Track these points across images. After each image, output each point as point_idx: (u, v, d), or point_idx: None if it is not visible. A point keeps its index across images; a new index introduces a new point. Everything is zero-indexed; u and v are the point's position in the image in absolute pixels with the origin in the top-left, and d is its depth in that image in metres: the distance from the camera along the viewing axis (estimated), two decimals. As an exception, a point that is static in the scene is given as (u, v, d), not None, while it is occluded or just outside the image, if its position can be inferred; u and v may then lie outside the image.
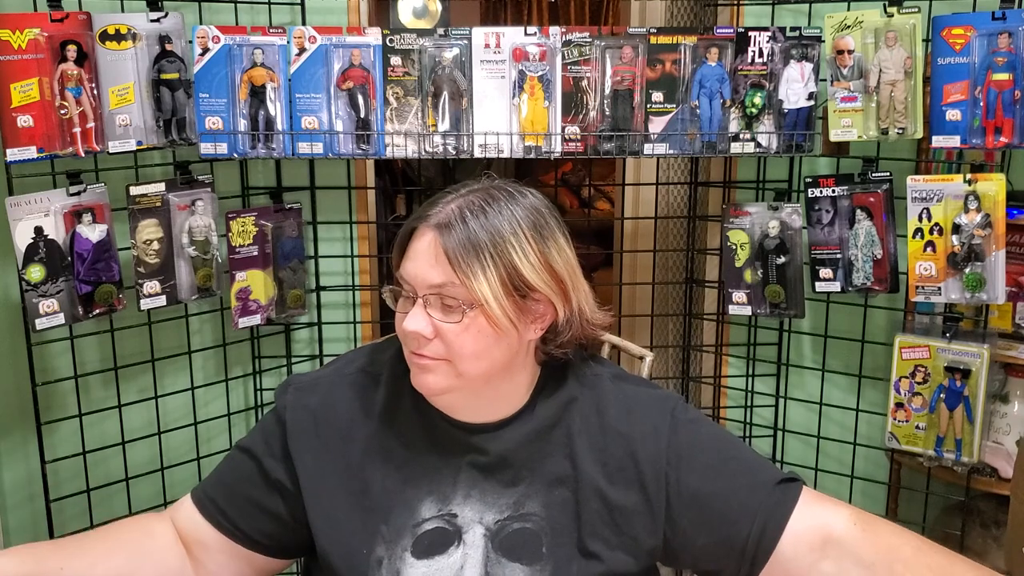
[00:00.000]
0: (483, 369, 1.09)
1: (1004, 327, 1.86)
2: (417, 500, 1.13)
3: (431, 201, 1.12)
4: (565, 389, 1.17)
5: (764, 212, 1.96)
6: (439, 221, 1.08)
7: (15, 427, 1.88)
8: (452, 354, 1.07)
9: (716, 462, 1.12)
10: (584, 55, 1.80)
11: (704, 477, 1.11)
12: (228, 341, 2.05)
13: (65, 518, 1.88)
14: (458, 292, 1.06)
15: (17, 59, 1.61)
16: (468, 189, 1.12)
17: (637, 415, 1.15)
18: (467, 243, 1.06)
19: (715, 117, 1.83)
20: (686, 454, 1.12)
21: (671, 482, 1.11)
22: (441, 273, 1.06)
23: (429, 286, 1.07)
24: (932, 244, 1.78)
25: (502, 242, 1.07)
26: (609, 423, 1.14)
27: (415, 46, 1.79)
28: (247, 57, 1.77)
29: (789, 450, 2.18)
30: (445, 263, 1.06)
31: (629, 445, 1.13)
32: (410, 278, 1.08)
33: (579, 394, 1.16)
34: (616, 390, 1.17)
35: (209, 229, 1.84)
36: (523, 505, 1.13)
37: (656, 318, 2.30)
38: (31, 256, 1.65)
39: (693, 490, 1.11)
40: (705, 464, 1.12)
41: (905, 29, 1.76)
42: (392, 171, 5.00)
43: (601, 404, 1.16)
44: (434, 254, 1.07)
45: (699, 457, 1.12)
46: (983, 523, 1.89)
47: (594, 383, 1.18)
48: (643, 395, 1.18)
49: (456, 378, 1.09)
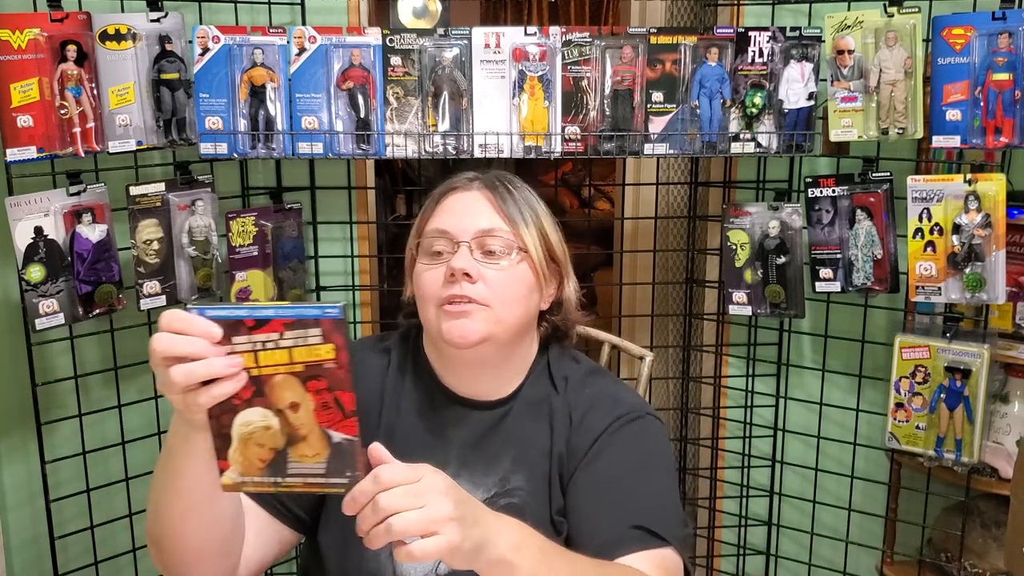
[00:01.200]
0: (517, 318, 1.16)
1: (1004, 327, 1.86)
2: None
3: (455, 177, 1.22)
4: (550, 375, 1.23)
5: (764, 212, 1.96)
6: (482, 183, 1.19)
7: (15, 427, 1.88)
8: (494, 297, 1.12)
9: (607, 481, 1.14)
10: (584, 55, 1.80)
11: (587, 487, 1.14)
12: (228, 341, 2.04)
13: (65, 518, 1.88)
14: (505, 237, 1.14)
15: (17, 59, 1.61)
16: (480, 173, 1.22)
17: (593, 412, 1.19)
18: (511, 199, 1.17)
19: (715, 117, 1.83)
20: (595, 460, 1.15)
21: (574, 475, 1.15)
22: (489, 219, 1.15)
23: (477, 230, 1.14)
24: (932, 244, 1.78)
25: (535, 210, 1.19)
26: (577, 416, 1.19)
27: (415, 46, 1.79)
28: (247, 57, 1.77)
29: (789, 450, 2.18)
30: (491, 211, 1.16)
31: (584, 438, 1.17)
32: (452, 227, 1.15)
33: (559, 382, 1.22)
34: (589, 384, 1.23)
35: (209, 229, 1.84)
36: (508, 480, 1.17)
37: (656, 318, 2.30)
38: (31, 256, 1.65)
39: (573, 492, 1.15)
40: (600, 477, 1.14)
41: (905, 29, 1.76)
42: (392, 171, 5.00)
43: (575, 397, 1.21)
44: (481, 204, 1.17)
45: (601, 469, 1.15)
46: (983, 523, 1.89)
47: (572, 374, 1.23)
48: (608, 394, 1.22)
49: (495, 324, 1.13)
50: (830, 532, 2.15)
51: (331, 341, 0.85)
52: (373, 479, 0.85)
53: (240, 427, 0.88)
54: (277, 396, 0.87)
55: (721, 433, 2.24)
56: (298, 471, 0.88)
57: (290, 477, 0.89)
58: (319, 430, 0.87)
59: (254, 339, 0.86)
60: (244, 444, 0.88)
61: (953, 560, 1.91)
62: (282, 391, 0.87)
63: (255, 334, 0.85)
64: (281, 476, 0.89)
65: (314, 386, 0.86)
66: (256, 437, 0.88)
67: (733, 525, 2.26)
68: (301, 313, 0.85)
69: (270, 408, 0.87)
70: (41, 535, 1.86)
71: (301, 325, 0.85)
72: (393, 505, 0.83)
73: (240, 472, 0.89)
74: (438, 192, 1.22)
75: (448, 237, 1.15)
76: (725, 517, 2.28)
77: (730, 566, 2.28)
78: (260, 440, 0.88)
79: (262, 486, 0.90)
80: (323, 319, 0.84)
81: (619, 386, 1.27)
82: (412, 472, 0.86)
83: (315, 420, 0.87)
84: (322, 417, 0.87)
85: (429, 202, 1.22)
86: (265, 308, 0.86)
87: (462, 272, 1.11)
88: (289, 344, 0.85)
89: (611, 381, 1.27)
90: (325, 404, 0.87)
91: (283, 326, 0.85)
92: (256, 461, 0.89)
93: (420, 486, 0.85)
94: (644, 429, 1.19)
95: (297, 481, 0.89)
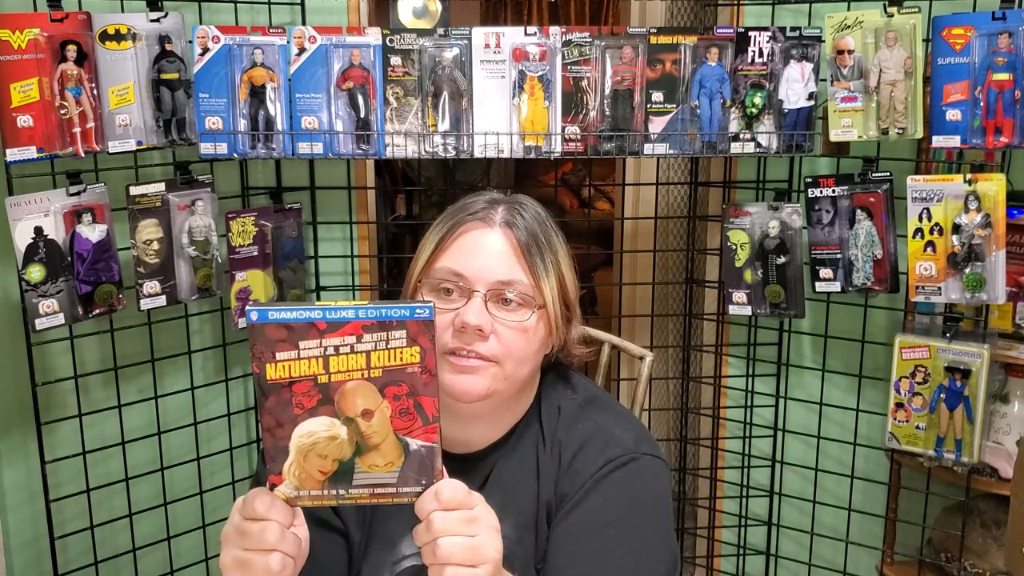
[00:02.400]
0: (525, 374, 1.10)
1: (1004, 327, 1.86)
2: (399, 535, 1.12)
3: (470, 201, 1.12)
4: (540, 413, 1.16)
5: (764, 212, 1.96)
6: (504, 219, 1.09)
7: (15, 427, 1.88)
8: (504, 354, 1.06)
9: (586, 533, 1.08)
10: (584, 55, 1.80)
11: (564, 537, 1.08)
12: (228, 341, 2.05)
13: (65, 518, 1.88)
14: (524, 291, 1.07)
15: (17, 59, 1.61)
16: (499, 196, 1.13)
17: (584, 453, 1.12)
18: (534, 244, 1.08)
19: (715, 117, 1.83)
20: (577, 507, 1.09)
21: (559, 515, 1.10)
22: (510, 270, 1.07)
23: (496, 282, 1.06)
24: (932, 244, 1.78)
25: (555, 253, 1.10)
26: (567, 457, 1.13)
27: (415, 46, 1.79)
28: (247, 57, 1.77)
29: (789, 450, 2.18)
30: (514, 261, 1.07)
31: (573, 481, 1.11)
32: (468, 273, 1.06)
33: (548, 420, 1.16)
34: (583, 418, 1.15)
35: (209, 229, 1.84)
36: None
37: (656, 318, 2.30)
38: (31, 256, 1.65)
39: (551, 539, 1.10)
40: (579, 527, 1.08)
41: (905, 29, 1.76)
42: (392, 171, 5.00)
43: (565, 436, 1.14)
44: (502, 248, 1.07)
45: (581, 520, 1.08)
46: (983, 523, 1.89)
47: (566, 405, 1.17)
48: (601, 432, 1.14)
49: (502, 381, 1.07)
50: (830, 532, 2.15)
51: (418, 344, 0.79)
52: (435, 496, 0.83)
53: (300, 438, 0.81)
54: (348, 403, 0.81)
55: (721, 433, 2.24)
56: (366, 482, 0.82)
57: (355, 488, 0.82)
58: (394, 438, 0.81)
59: (325, 343, 0.79)
60: (304, 456, 0.82)
61: (953, 560, 1.91)
62: (354, 398, 0.81)
63: (327, 338, 0.79)
64: (345, 488, 0.83)
65: (392, 391, 0.80)
66: (319, 448, 0.81)
67: (733, 525, 2.26)
68: (385, 314, 0.78)
69: (338, 416, 0.81)
70: (41, 535, 1.86)
71: (383, 327, 0.78)
72: (445, 529, 0.82)
73: (296, 486, 0.83)
74: (455, 219, 1.11)
75: (463, 282, 1.06)
76: (725, 517, 2.28)
77: (730, 566, 2.28)
78: (323, 451, 0.82)
79: (320, 499, 0.83)
80: (411, 320, 0.78)
81: (616, 420, 1.17)
82: (469, 497, 0.84)
83: (391, 427, 0.81)
84: (399, 424, 0.81)
85: (444, 226, 1.11)
86: (341, 309, 0.79)
87: (475, 328, 1.04)
88: (367, 348, 0.79)
89: (608, 414, 1.18)
90: (404, 410, 0.81)
91: (361, 328, 0.78)
92: (316, 474, 0.82)
93: (475, 513, 0.84)
94: (636, 474, 1.11)
95: (363, 493, 0.83)
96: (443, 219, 1.12)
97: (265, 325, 0.80)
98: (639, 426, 1.20)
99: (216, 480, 2.07)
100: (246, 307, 0.84)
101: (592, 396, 1.20)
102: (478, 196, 1.14)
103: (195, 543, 2.05)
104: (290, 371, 0.81)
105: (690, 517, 2.39)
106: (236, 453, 2.09)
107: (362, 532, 1.12)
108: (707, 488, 2.28)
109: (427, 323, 0.79)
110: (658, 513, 1.12)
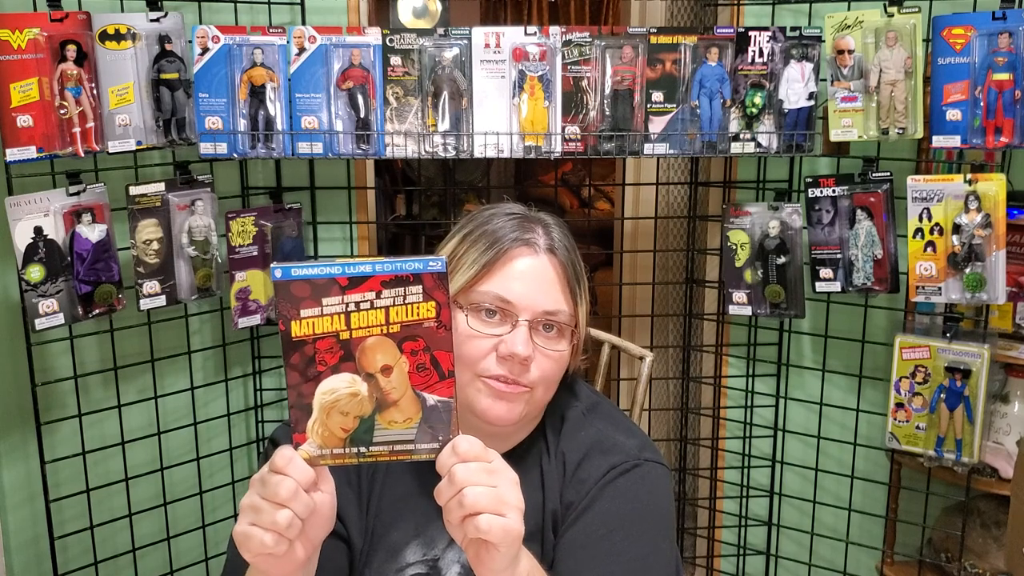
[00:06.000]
0: (549, 398, 1.12)
1: (1004, 327, 1.86)
2: (403, 544, 1.12)
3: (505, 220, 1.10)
4: (544, 423, 1.17)
5: (764, 212, 1.96)
6: (548, 245, 1.09)
7: (15, 427, 1.88)
8: (540, 380, 1.07)
9: (592, 540, 1.09)
10: (584, 55, 1.80)
11: (571, 545, 1.09)
12: (228, 341, 2.05)
13: (65, 518, 1.88)
14: (565, 320, 1.08)
15: (17, 59, 1.61)
16: (523, 210, 1.14)
17: (587, 461, 1.13)
18: (573, 271, 1.10)
19: (715, 117, 1.83)
20: (582, 515, 1.10)
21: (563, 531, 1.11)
22: (556, 300, 1.08)
23: (543, 312, 1.07)
24: (932, 244, 1.78)
25: (583, 273, 1.12)
26: (571, 466, 1.14)
27: (415, 46, 1.79)
28: (247, 57, 1.77)
29: (789, 450, 2.18)
30: (559, 290, 1.08)
31: (578, 490, 1.12)
32: (517, 300, 1.06)
33: (552, 429, 1.17)
34: (585, 426, 1.17)
35: (209, 229, 1.84)
36: None
37: (656, 318, 2.30)
38: (31, 256, 1.65)
39: (559, 547, 1.10)
40: (585, 535, 1.09)
41: (905, 29, 1.76)
42: (392, 171, 5.00)
43: (569, 444, 1.15)
44: (549, 277, 1.08)
45: (587, 526, 1.09)
46: (983, 523, 1.89)
47: (569, 414, 1.18)
48: (604, 439, 1.15)
49: (532, 404, 1.09)
50: (830, 532, 2.15)
51: (433, 298, 0.80)
52: (452, 449, 0.84)
53: (323, 396, 0.82)
54: (368, 360, 0.82)
55: (721, 433, 2.23)
56: (385, 439, 0.83)
57: (375, 446, 0.83)
58: (412, 393, 0.82)
59: (347, 300, 0.80)
60: (326, 414, 0.82)
61: (953, 560, 1.91)
62: (374, 354, 0.82)
63: (349, 294, 0.80)
64: (366, 446, 0.83)
65: (410, 347, 0.81)
66: (341, 405, 0.82)
67: (733, 525, 2.26)
68: (401, 267, 0.80)
69: (359, 373, 0.82)
70: (41, 535, 1.86)
71: (400, 282, 0.80)
72: (468, 479, 0.82)
73: (320, 444, 0.83)
74: (498, 242, 1.08)
75: (509, 308, 1.06)
76: (725, 517, 2.28)
77: (730, 566, 2.28)
78: (345, 408, 0.82)
79: (343, 458, 0.84)
80: (425, 273, 0.80)
81: (618, 426, 1.18)
82: (485, 452, 0.85)
83: (408, 383, 0.82)
84: (416, 379, 0.82)
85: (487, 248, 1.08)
86: (360, 263, 0.80)
87: (522, 359, 1.04)
88: (386, 303, 0.80)
89: (610, 421, 1.19)
90: (421, 365, 0.82)
91: (380, 284, 0.80)
92: (338, 431, 0.83)
93: (494, 466, 0.85)
94: (640, 480, 1.12)
95: (383, 450, 0.83)
96: (482, 238, 1.10)
97: (290, 283, 0.81)
98: (641, 433, 1.21)
99: (216, 480, 2.07)
100: (270, 265, 0.86)
101: (594, 403, 1.21)
102: (498, 208, 1.13)
103: (195, 543, 2.05)
104: (314, 328, 0.82)
105: (690, 517, 2.39)
106: (236, 453, 2.09)
107: (364, 539, 1.12)
108: (707, 488, 2.28)
109: (441, 276, 0.81)
110: (661, 518, 1.13)
